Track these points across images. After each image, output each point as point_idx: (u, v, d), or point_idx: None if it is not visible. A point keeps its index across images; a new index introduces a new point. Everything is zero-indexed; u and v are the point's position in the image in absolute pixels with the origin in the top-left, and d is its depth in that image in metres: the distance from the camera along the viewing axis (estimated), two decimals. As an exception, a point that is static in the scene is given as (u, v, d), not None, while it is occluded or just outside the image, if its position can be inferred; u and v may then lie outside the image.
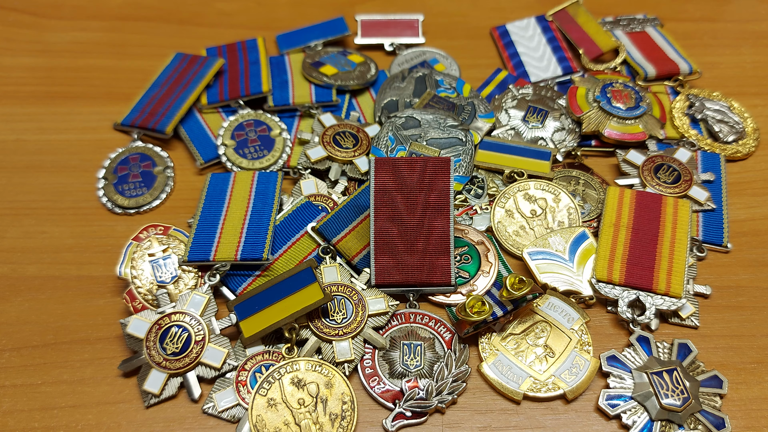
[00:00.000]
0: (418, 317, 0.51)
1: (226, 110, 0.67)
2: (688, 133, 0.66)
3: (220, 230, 0.54)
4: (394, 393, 0.47)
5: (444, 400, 0.46)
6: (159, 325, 0.48)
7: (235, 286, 0.52)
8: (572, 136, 0.65)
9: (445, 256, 0.51)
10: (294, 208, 0.56)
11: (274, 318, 0.47)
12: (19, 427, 0.45)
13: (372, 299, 0.50)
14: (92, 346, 0.50)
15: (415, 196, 0.51)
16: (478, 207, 0.59)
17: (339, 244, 0.54)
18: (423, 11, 0.79)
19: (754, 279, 0.55)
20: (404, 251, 0.51)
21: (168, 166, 0.62)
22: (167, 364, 0.47)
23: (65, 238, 0.57)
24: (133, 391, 0.47)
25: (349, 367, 0.48)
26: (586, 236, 0.55)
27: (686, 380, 0.47)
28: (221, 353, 0.47)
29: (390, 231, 0.51)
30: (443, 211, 0.51)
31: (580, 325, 0.50)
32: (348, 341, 0.48)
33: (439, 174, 0.51)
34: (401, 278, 0.51)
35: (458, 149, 0.59)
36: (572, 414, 0.47)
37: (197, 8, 0.81)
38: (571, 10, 0.78)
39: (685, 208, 0.56)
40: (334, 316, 0.49)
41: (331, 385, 0.46)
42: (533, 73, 0.72)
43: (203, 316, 0.49)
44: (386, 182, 0.51)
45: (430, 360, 0.48)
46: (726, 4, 0.83)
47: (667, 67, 0.71)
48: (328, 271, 0.52)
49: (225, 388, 0.47)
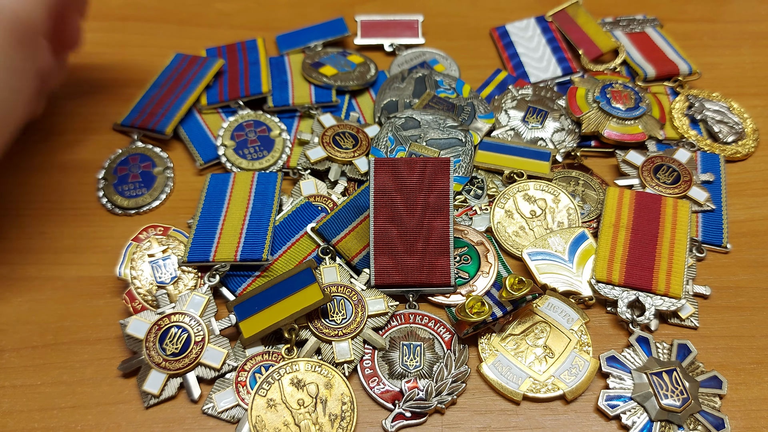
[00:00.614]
0: (418, 318, 0.51)
1: (226, 111, 0.67)
2: (688, 134, 0.66)
3: (220, 231, 0.54)
4: (393, 393, 0.47)
5: (443, 400, 0.46)
6: (159, 325, 0.48)
7: (234, 287, 0.52)
8: (572, 136, 0.65)
9: (445, 257, 0.51)
10: (294, 209, 0.56)
11: (273, 318, 0.47)
12: (18, 428, 0.45)
13: (372, 300, 0.50)
14: (92, 346, 0.50)
15: (415, 196, 0.51)
16: (478, 207, 0.59)
17: (339, 244, 0.54)
18: (423, 12, 0.79)
19: (753, 279, 0.55)
20: (404, 252, 0.51)
21: (168, 166, 0.62)
22: (167, 364, 0.47)
23: (65, 238, 0.57)
24: (133, 392, 0.47)
25: (348, 367, 0.48)
26: (585, 237, 0.55)
27: (686, 381, 0.47)
28: (221, 354, 0.47)
29: (390, 232, 0.51)
30: (443, 211, 0.51)
31: (579, 325, 0.50)
32: (348, 342, 0.48)
33: (439, 175, 0.51)
34: (401, 279, 0.51)
35: (458, 150, 0.60)
36: (572, 414, 0.47)
37: (197, 9, 0.81)
38: (571, 10, 0.78)
39: (685, 208, 0.56)
40: (333, 316, 0.49)
41: (331, 386, 0.46)
42: (533, 73, 0.72)
43: (203, 316, 0.49)
44: (386, 183, 0.51)
45: (429, 360, 0.49)
46: (725, 5, 0.83)
47: (667, 68, 0.71)
48: (328, 272, 0.52)
49: (224, 388, 0.47)
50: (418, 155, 0.59)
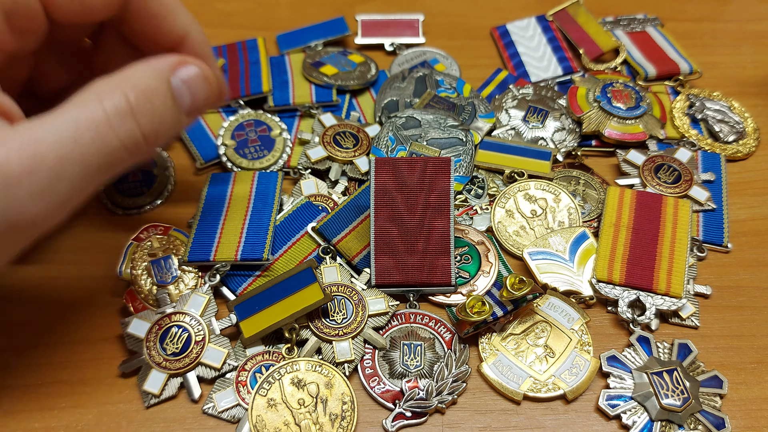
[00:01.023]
0: (419, 317, 0.51)
1: (226, 110, 0.67)
2: (689, 133, 0.66)
3: (220, 230, 0.54)
4: (394, 393, 0.47)
5: (444, 400, 0.46)
6: (159, 325, 0.48)
7: (235, 287, 0.52)
8: (572, 136, 0.65)
9: (446, 257, 0.51)
10: (294, 208, 0.56)
11: (274, 318, 0.47)
12: (19, 428, 0.45)
13: (372, 299, 0.50)
14: (92, 346, 0.50)
15: (416, 196, 0.51)
16: (479, 207, 0.59)
17: (339, 244, 0.54)
18: (423, 11, 0.79)
19: (754, 279, 0.55)
20: (404, 251, 0.51)
21: (168, 166, 0.62)
22: (167, 364, 0.47)
23: (65, 238, 0.57)
24: (133, 392, 0.47)
25: (349, 367, 0.48)
26: (586, 236, 0.55)
27: (686, 380, 0.47)
28: (221, 353, 0.47)
29: (390, 231, 0.51)
30: (443, 211, 0.51)
31: (580, 325, 0.50)
32: (348, 341, 0.48)
33: (440, 174, 0.51)
34: (401, 278, 0.51)
35: (458, 149, 0.59)
36: (572, 414, 0.47)
37: (197, 8, 0.81)
38: (572, 10, 0.78)
39: (686, 208, 0.56)
40: (334, 316, 0.49)
41: (331, 386, 0.46)
42: (533, 73, 0.72)
43: (203, 316, 0.49)
44: (386, 182, 0.51)
45: (430, 360, 0.48)
46: (726, 4, 0.83)
47: (668, 67, 0.71)
48: (329, 272, 0.52)
49: (225, 388, 0.47)
50: (418, 155, 0.59)
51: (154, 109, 0.38)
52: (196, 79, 0.41)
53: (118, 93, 0.37)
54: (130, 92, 0.37)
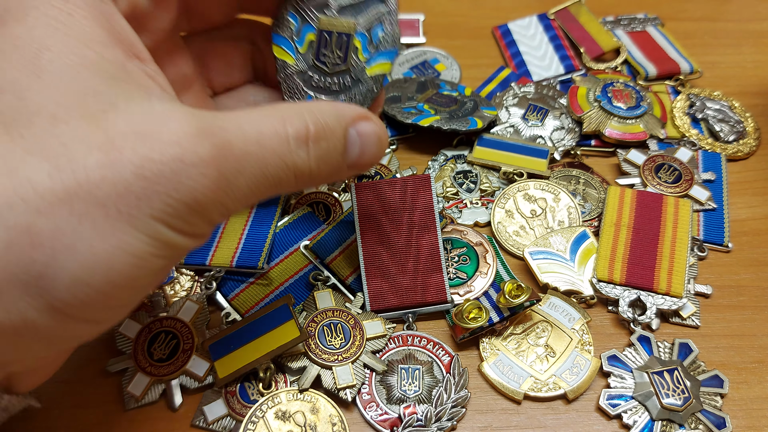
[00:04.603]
0: (416, 339, 0.50)
1: (227, 110, 0.66)
2: (689, 133, 0.65)
3: (220, 235, 0.53)
4: (392, 420, 0.46)
5: (443, 426, 0.45)
6: (149, 328, 0.48)
7: (228, 291, 0.52)
8: (571, 135, 0.64)
9: (438, 273, 0.51)
10: (295, 218, 0.56)
11: (249, 357, 0.46)
12: (19, 428, 0.45)
13: (369, 323, 0.49)
14: (92, 346, 0.50)
15: (399, 216, 0.51)
16: (468, 201, 0.58)
17: (332, 263, 0.53)
18: (424, 11, 0.79)
19: (755, 278, 0.55)
20: (396, 273, 0.50)
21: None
22: (152, 369, 0.46)
23: (65, 238, 0.57)
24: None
25: (351, 392, 0.46)
26: (586, 236, 0.55)
27: (687, 380, 0.47)
28: (206, 365, 0.47)
29: (379, 254, 0.51)
30: (430, 228, 0.51)
31: (581, 324, 0.50)
32: (349, 366, 0.47)
33: (421, 191, 0.52)
34: (397, 302, 0.50)
35: (379, 10, 0.46)
36: (573, 414, 0.47)
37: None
38: (573, 9, 0.78)
39: (686, 207, 0.56)
40: (332, 341, 0.48)
41: (317, 410, 0.45)
42: (535, 72, 0.72)
43: (194, 324, 0.48)
44: (369, 206, 0.51)
45: (428, 385, 0.47)
46: (727, 4, 0.83)
47: (668, 67, 0.71)
48: (321, 297, 0.50)
49: (213, 400, 0.46)
50: (330, 33, 0.48)
51: (326, 148, 0.38)
52: (372, 137, 0.41)
53: (301, 120, 0.36)
54: (311, 124, 0.37)
